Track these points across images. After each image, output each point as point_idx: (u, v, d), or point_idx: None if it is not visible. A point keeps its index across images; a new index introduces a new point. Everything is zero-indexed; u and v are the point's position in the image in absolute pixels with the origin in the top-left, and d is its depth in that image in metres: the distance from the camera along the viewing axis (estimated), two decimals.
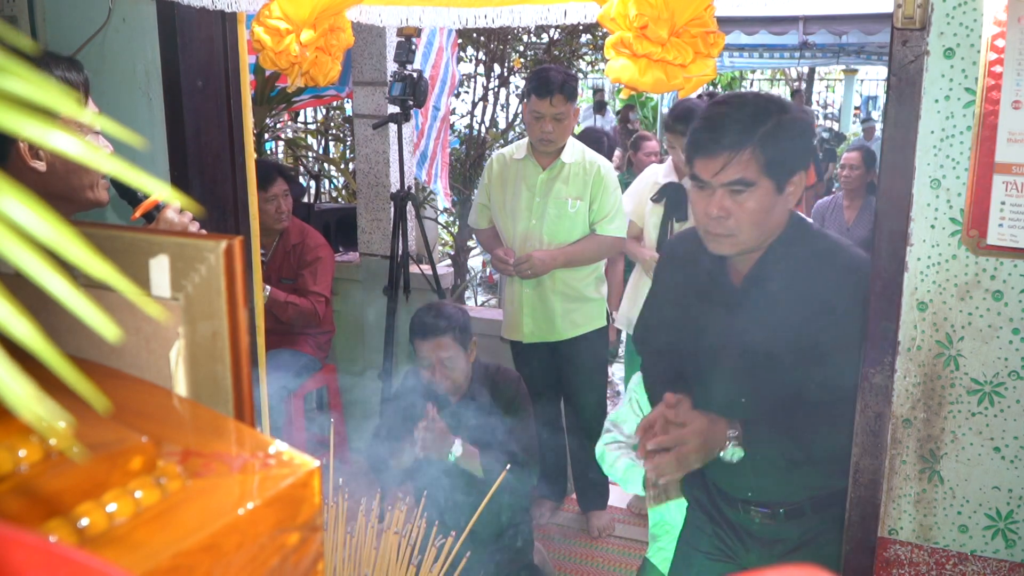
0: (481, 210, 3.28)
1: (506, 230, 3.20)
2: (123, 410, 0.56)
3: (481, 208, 3.28)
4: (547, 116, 2.99)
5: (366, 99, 3.85)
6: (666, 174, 3.34)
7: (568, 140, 3.12)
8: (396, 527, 1.63)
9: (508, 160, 3.20)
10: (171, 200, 1.56)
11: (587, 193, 3.10)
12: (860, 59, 11.57)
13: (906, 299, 1.30)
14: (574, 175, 3.11)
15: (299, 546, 0.53)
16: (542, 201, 3.10)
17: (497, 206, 3.21)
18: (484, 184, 3.26)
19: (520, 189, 3.13)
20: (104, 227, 0.65)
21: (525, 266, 3.05)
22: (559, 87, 2.96)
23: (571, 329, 3.19)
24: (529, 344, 3.22)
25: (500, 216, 3.21)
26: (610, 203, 3.13)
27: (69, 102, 0.31)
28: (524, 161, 3.15)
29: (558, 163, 3.11)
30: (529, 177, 3.13)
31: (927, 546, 1.36)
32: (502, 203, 3.19)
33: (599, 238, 3.15)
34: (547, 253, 3.08)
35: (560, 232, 3.11)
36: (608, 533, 3.32)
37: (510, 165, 3.19)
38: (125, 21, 2.62)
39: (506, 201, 3.17)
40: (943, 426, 1.32)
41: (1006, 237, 1.23)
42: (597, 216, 3.13)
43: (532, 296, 3.16)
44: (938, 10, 1.22)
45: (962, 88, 1.23)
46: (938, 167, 1.26)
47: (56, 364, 0.30)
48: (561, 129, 3.03)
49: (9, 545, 0.35)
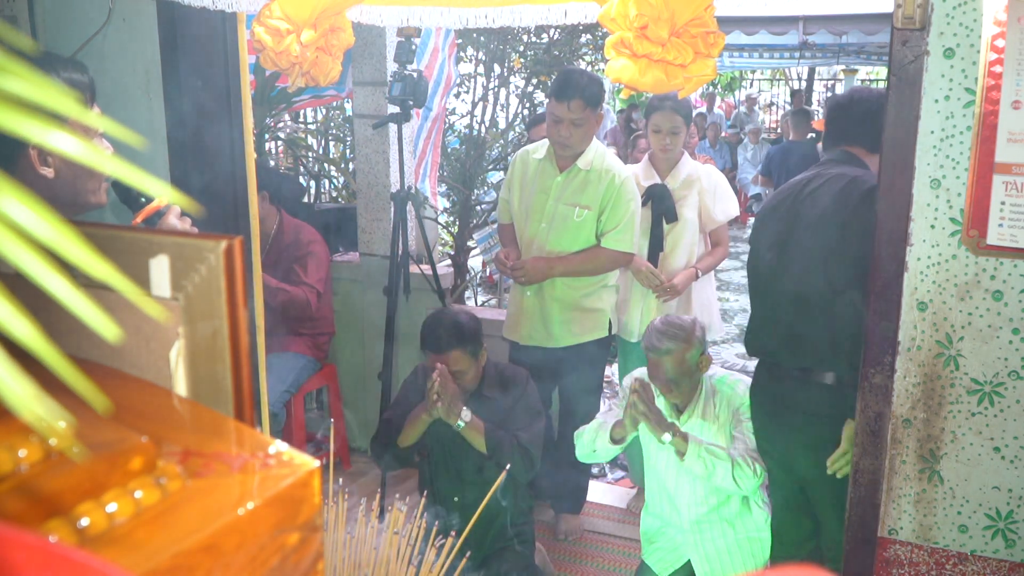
0: (503, 205, 3.26)
1: (519, 229, 3.19)
2: (123, 410, 0.56)
3: (503, 203, 3.26)
4: (565, 120, 2.90)
5: (366, 99, 3.85)
6: (646, 174, 3.29)
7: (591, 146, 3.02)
8: (396, 527, 1.63)
9: (530, 158, 3.15)
10: (172, 205, 1.56)
11: (597, 203, 2.98)
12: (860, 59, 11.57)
13: (906, 299, 1.30)
14: (588, 183, 3.00)
15: (299, 546, 0.53)
16: (554, 205, 3.04)
17: (515, 204, 3.18)
18: (507, 180, 3.23)
19: (535, 189, 3.09)
20: (104, 227, 0.65)
21: (520, 272, 3.02)
22: (580, 91, 2.85)
23: (568, 338, 3.12)
24: (525, 346, 3.20)
25: (516, 214, 3.19)
26: (621, 215, 2.98)
27: (75, 105, 0.31)
28: (543, 161, 3.09)
29: (574, 168, 3.02)
30: (546, 179, 3.08)
31: (927, 546, 1.36)
32: (519, 201, 3.16)
33: (604, 251, 3.02)
34: (543, 261, 3.02)
35: (564, 240, 3.03)
36: (576, 537, 3.27)
37: (530, 164, 3.13)
38: (125, 21, 2.62)
39: (523, 200, 3.14)
40: (943, 426, 1.32)
41: (1006, 237, 1.23)
42: (605, 227, 3.00)
43: (532, 301, 3.13)
44: (938, 10, 1.22)
45: (962, 88, 1.23)
46: (938, 167, 1.26)
47: (56, 364, 0.30)
48: (580, 134, 2.92)
49: (9, 545, 0.35)
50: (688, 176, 3.26)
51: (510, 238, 3.26)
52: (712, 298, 3.45)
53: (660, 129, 3.21)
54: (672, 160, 3.27)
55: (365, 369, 3.94)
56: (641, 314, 3.32)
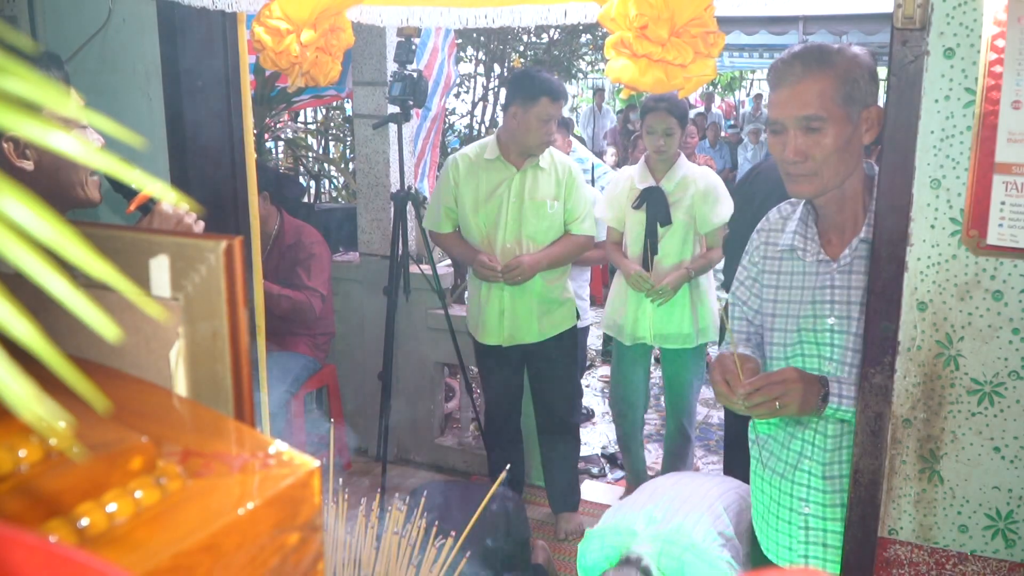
0: (447, 213, 3.16)
1: (477, 233, 3.12)
2: (123, 410, 0.56)
3: (447, 211, 3.16)
4: (554, 119, 3.00)
5: (366, 99, 3.85)
6: (641, 177, 3.30)
7: None
8: (396, 527, 1.63)
9: (475, 160, 3.12)
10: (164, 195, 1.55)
11: (561, 194, 3.11)
12: None
13: (906, 299, 1.30)
14: (548, 176, 3.11)
15: (299, 546, 0.53)
16: (517, 203, 3.07)
17: (467, 209, 3.12)
18: (449, 186, 3.13)
19: (493, 191, 3.08)
20: (104, 227, 0.65)
21: (516, 272, 3.02)
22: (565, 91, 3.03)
23: (548, 330, 3.18)
24: (506, 347, 3.19)
25: (471, 219, 3.12)
26: (582, 203, 3.15)
27: (54, 96, 0.31)
28: (496, 162, 3.09)
29: (534, 164, 3.08)
30: (503, 178, 3.08)
31: (927, 546, 1.36)
32: (473, 205, 3.10)
33: (575, 238, 3.16)
34: (533, 257, 3.06)
35: (539, 234, 3.10)
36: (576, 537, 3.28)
37: (479, 166, 3.11)
38: (125, 21, 2.62)
39: (478, 203, 3.10)
40: (943, 426, 1.32)
41: (1006, 237, 1.23)
42: (571, 216, 3.14)
43: (511, 300, 3.12)
44: (938, 10, 1.22)
45: (962, 88, 1.23)
46: (938, 167, 1.26)
47: (56, 364, 0.30)
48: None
49: (9, 545, 0.35)
50: (684, 178, 3.26)
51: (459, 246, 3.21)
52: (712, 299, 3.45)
53: (654, 130, 3.21)
54: (668, 162, 3.27)
55: (365, 369, 3.93)
56: (635, 317, 3.32)
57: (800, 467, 1.66)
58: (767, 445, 1.74)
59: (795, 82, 1.49)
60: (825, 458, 1.62)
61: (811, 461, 1.64)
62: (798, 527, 1.68)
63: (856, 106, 1.49)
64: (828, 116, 1.47)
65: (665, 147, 3.21)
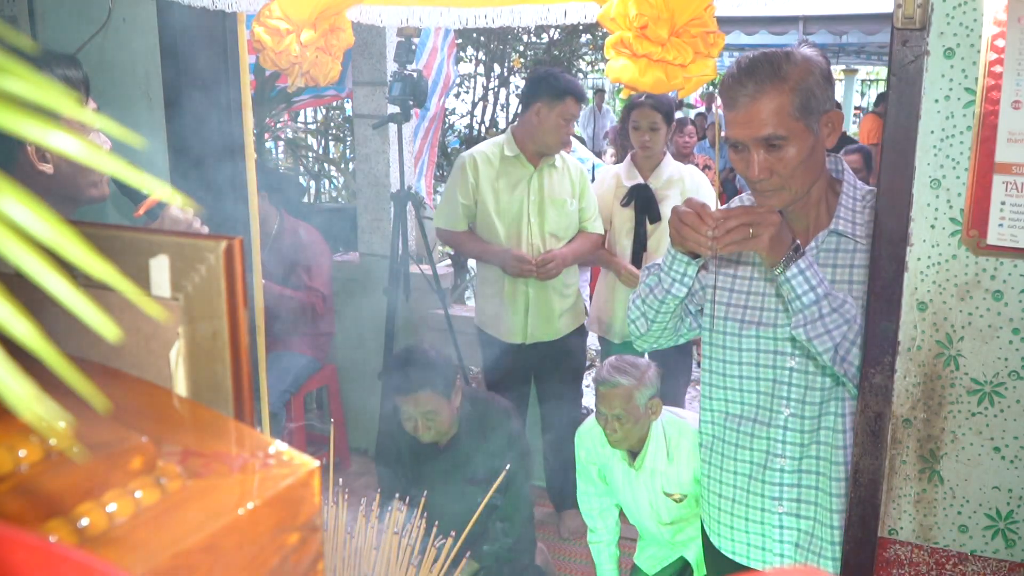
0: (464, 211, 3.14)
1: (500, 231, 3.11)
2: (123, 410, 0.56)
3: (464, 209, 3.13)
4: (575, 119, 3.05)
5: (366, 99, 3.85)
6: (628, 174, 3.29)
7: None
8: (396, 527, 1.63)
9: (493, 158, 3.12)
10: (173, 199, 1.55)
11: (576, 192, 3.16)
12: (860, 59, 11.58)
13: (906, 299, 1.30)
14: (563, 175, 3.15)
15: (299, 546, 0.53)
16: (538, 200, 3.10)
17: (489, 206, 3.11)
18: (467, 184, 3.10)
19: (514, 188, 3.10)
20: (104, 227, 0.65)
21: (552, 266, 3.04)
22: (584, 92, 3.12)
23: (566, 327, 3.23)
24: (526, 344, 3.20)
25: (493, 216, 3.11)
26: (593, 202, 3.22)
27: (70, 102, 0.31)
28: (515, 159, 3.10)
29: (549, 163, 3.11)
30: (522, 176, 3.10)
31: (927, 546, 1.36)
32: (494, 202, 3.11)
33: (591, 236, 3.21)
34: (563, 252, 3.11)
35: (560, 230, 3.14)
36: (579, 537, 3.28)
37: (497, 164, 3.11)
38: (125, 21, 2.62)
39: (499, 201, 3.11)
40: (943, 426, 1.32)
41: (1006, 237, 1.23)
42: (585, 215, 3.19)
43: (534, 297, 3.14)
44: (938, 10, 1.22)
45: (962, 88, 1.22)
46: (938, 167, 1.26)
47: (56, 364, 0.30)
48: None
49: (9, 545, 0.35)
50: (671, 176, 3.26)
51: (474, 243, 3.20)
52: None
53: (639, 126, 3.21)
54: (654, 160, 3.26)
55: (365, 369, 3.93)
56: (624, 314, 3.32)
57: (770, 466, 1.64)
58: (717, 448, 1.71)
59: (749, 103, 1.42)
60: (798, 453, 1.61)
61: (782, 459, 1.63)
62: (772, 526, 1.66)
63: (814, 115, 1.44)
64: (788, 133, 1.42)
65: (651, 143, 3.20)
